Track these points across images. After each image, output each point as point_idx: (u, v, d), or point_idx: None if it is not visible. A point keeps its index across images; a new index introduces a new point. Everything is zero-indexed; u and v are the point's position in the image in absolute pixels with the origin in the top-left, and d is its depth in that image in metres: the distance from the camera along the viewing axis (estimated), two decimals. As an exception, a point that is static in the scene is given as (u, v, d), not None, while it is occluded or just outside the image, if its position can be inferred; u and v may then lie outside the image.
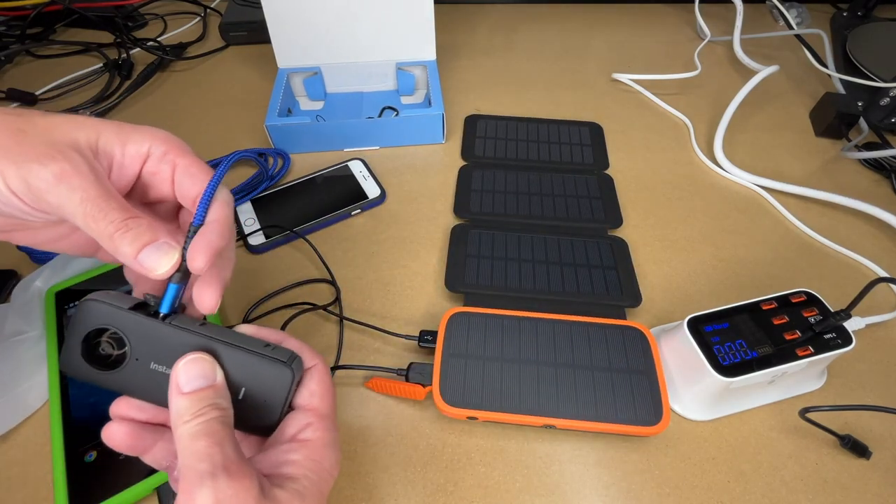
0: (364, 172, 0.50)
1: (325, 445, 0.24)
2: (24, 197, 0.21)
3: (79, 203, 0.21)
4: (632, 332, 0.36)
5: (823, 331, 0.33)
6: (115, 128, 0.24)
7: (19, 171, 0.21)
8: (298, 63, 0.56)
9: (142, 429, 0.24)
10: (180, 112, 0.59)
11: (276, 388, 0.24)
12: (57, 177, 0.21)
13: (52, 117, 0.23)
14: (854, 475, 0.33)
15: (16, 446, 0.34)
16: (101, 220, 0.22)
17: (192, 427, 0.21)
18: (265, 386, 0.24)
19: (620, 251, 0.43)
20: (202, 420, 0.21)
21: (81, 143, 0.23)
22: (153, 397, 0.24)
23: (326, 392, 0.25)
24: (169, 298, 0.24)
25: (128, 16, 0.72)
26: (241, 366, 0.23)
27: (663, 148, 0.55)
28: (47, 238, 0.26)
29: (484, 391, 0.33)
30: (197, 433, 0.21)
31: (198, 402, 0.21)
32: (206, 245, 0.23)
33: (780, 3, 0.68)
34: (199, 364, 0.22)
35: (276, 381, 0.24)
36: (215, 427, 0.21)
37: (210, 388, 0.22)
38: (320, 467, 0.23)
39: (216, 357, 0.23)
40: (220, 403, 0.22)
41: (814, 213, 0.49)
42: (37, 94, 0.60)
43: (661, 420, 0.32)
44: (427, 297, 0.42)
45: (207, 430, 0.21)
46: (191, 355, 0.23)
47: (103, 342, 0.24)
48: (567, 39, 0.72)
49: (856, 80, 0.58)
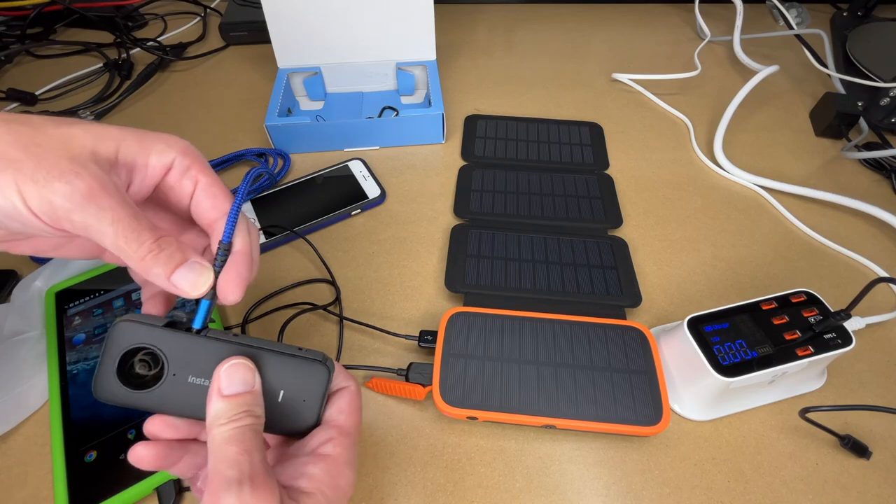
0: (364, 172, 0.50)
1: (344, 463, 0.24)
2: (45, 217, 0.20)
3: (109, 224, 0.21)
4: (632, 332, 0.36)
5: (823, 331, 0.33)
6: (137, 137, 0.23)
7: (41, 191, 0.20)
8: (298, 63, 0.56)
9: (170, 447, 0.24)
10: (180, 112, 0.59)
11: (313, 387, 0.24)
12: (85, 196, 0.20)
13: (67, 127, 0.22)
14: (854, 475, 0.33)
15: (16, 446, 0.34)
16: (132, 241, 0.21)
17: (227, 431, 0.21)
18: (303, 386, 0.24)
19: (620, 251, 0.43)
20: (237, 425, 0.21)
21: (101, 155, 0.22)
22: (190, 412, 0.24)
23: (354, 411, 0.25)
24: (202, 314, 0.24)
25: (128, 16, 0.72)
26: (279, 368, 0.24)
27: (663, 148, 0.55)
28: (48, 247, 0.25)
29: (484, 391, 0.33)
30: (230, 438, 0.21)
31: (236, 407, 0.22)
32: (237, 277, 0.24)
33: (780, 3, 0.68)
34: (240, 369, 0.23)
35: (314, 379, 0.24)
36: (247, 434, 0.21)
37: (248, 394, 0.23)
38: (336, 484, 0.23)
39: (255, 362, 0.24)
40: (255, 411, 0.22)
41: (814, 213, 0.49)
42: (37, 94, 0.60)
43: (661, 420, 0.32)
44: (427, 297, 0.42)
45: (240, 436, 0.21)
46: (233, 359, 0.23)
47: (137, 363, 0.24)
48: (567, 39, 0.72)
49: (856, 80, 0.58)
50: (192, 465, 0.25)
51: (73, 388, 0.35)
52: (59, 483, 0.31)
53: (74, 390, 0.35)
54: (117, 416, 0.33)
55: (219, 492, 0.20)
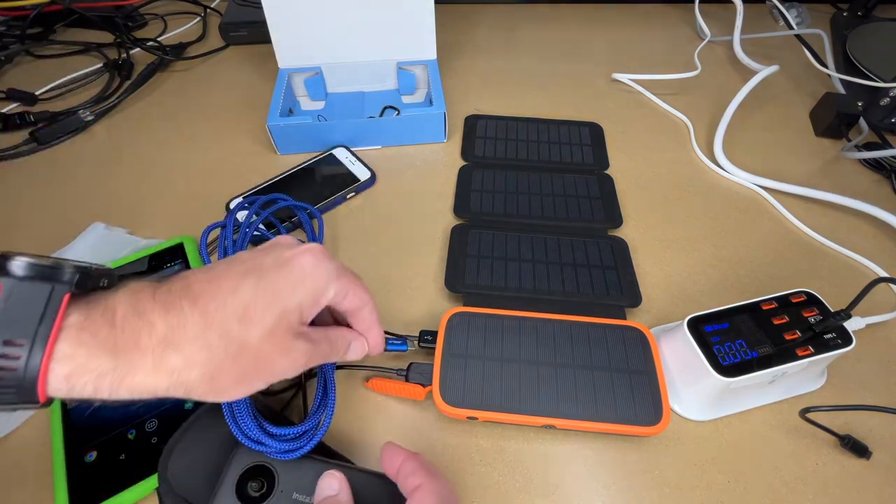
0: (350, 158, 0.51)
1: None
2: None
3: None
4: (632, 332, 0.36)
5: (823, 331, 0.33)
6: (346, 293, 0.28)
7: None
8: (299, 63, 0.56)
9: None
10: (180, 112, 0.59)
11: (400, 499, 0.27)
12: None
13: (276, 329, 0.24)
14: (854, 475, 0.33)
15: (16, 446, 0.34)
16: None
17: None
18: (390, 499, 0.27)
19: (620, 251, 0.43)
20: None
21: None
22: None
23: None
24: None
25: (128, 16, 0.72)
26: (367, 485, 0.28)
27: (663, 148, 0.55)
28: None
29: (484, 391, 0.33)
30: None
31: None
32: (380, 343, 0.31)
33: (780, 3, 0.68)
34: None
35: (394, 496, 0.27)
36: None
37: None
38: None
39: (347, 478, 0.28)
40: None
41: (814, 213, 0.49)
42: (37, 94, 0.60)
43: (661, 420, 0.32)
44: (427, 297, 0.42)
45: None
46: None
47: (249, 484, 0.28)
48: (567, 39, 0.72)
49: (856, 80, 0.58)
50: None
51: (73, 388, 0.35)
52: (59, 483, 0.31)
53: (74, 390, 0.35)
54: (117, 416, 0.34)
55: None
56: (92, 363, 0.19)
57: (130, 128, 0.57)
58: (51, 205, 0.49)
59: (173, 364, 0.21)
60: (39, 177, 0.51)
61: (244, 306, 0.22)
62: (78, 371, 0.19)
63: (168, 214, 0.48)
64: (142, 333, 0.20)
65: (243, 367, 0.23)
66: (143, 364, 0.20)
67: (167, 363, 0.21)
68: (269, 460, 0.28)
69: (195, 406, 0.34)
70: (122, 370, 0.20)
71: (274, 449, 0.29)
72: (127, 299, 0.21)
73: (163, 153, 0.54)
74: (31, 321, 0.18)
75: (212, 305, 0.22)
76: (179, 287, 0.23)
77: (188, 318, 0.21)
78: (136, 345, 0.20)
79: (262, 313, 0.23)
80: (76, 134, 0.56)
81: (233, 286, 0.23)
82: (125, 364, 0.20)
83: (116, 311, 0.20)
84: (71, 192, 0.50)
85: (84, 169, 0.52)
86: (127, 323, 0.20)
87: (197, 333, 0.21)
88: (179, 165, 0.53)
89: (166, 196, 0.50)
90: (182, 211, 0.48)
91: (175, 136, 0.56)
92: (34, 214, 0.48)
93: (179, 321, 0.21)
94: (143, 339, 0.20)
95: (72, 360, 0.19)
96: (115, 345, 0.20)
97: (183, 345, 0.21)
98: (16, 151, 0.53)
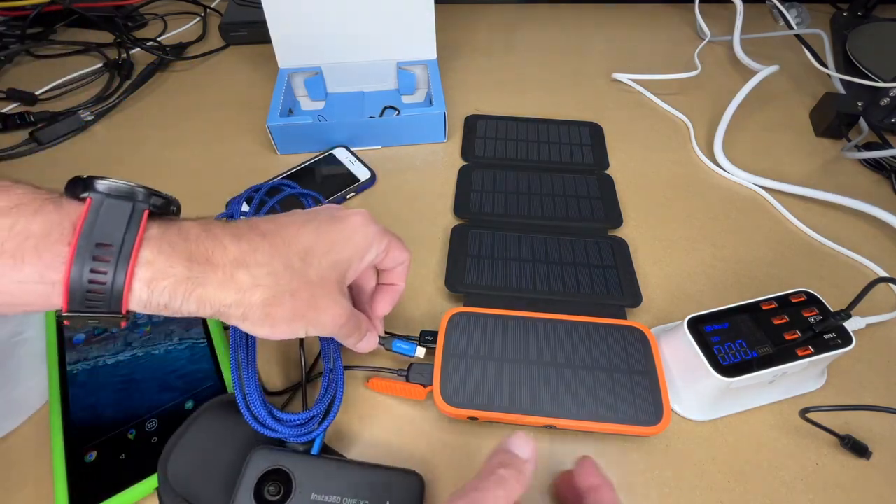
0: (350, 158, 0.51)
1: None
2: None
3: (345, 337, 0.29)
4: (632, 332, 0.36)
5: (823, 331, 0.33)
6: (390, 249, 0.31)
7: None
8: (299, 63, 0.56)
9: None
10: (180, 112, 0.59)
11: (412, 493, 0.29)
12: None
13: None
14: (854, 475, 0.33)
15: (16, 446, 0.34)
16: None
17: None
18: (403, 493, 0.29)
19: (620, 251, 0.43)
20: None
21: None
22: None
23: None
24: (318, 444, 0.31)
25: (128, 16, 0.72)
26: (380, 481, 0.29)
27: (663, 148, 0.55)
28: None
29: (485, 391, 0.33)
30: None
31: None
32: (390, 302, 0.34)
33: (780, 3, 0.68)
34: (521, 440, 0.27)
35: (412, 486, 0.29)
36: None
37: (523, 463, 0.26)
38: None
39: (364, 476, 0.29)
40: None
41: (814, 213, 0.49)
42: (37, 94, 0.60)
43: (661, 420, 0.32)
44: (427, 297, 0.42)
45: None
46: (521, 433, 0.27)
47: (266, 487, 0.28)
48: (567, 39, 0.72)
49: (856, 80, 0.58)
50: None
51: (73, 388, 0.35)
52: (59, 483, 0.31)
53: (74, 390, 0.35)
54: (117, 416, 0.33)
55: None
56: (170, 270, 0.21)
57: (130, 128, 0.57)
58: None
59: (241, 281, 0.23)
60: (39, 177, 0.51)
61: (306, 247, 0.25)
62: (158, 276, 0.21)
63: (168, 214, 0.48)
64: (215, 251, 0.23)
65: (299, 303, 0.25)
66: (215, 277, 0.22)
67: (236, 279, 0.23)
68: (286, 463, 0.28)
69: (195, 406, 0.34)
70: (195, 280, 0.22)
71: (286, 434, 0.29)
72: (199, 224, 0.24)
73: (163, 153, 0.54)
74: (119, 229, 0.21)
75: (278, 240, 0.25)
76: (247, 225, 0.25)
77: (258, 245, 0.24)
78: (208, 259, 0.22)
79: (320, 257, 0.25)
80: (76, 134, 0.56)
81: (296, 230, 0.26)
82: (199, 274, 0.22)
83: (190, 231, 0.23)
84: (71, 192, 0.50)
85: (84, 169, 0.51)
86: (201, 240, 0.23)
87: (266, 260, 0.24)
88: (179, 165, 0.53)
89: (166, 196, 0.49)
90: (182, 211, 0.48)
91: (175, 136, 0.56)
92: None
93: (251, 246, 0.23)
94: (216, 256, 0.23)
95: (152, 266, 0.21)
96: (191, 256, 0.22)
97: (252, 266, 0.23)
98: (16, 151, 0.53)
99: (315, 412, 0.31)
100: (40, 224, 0.20)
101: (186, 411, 0.34)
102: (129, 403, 0.34)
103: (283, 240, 0.25)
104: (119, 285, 0.21)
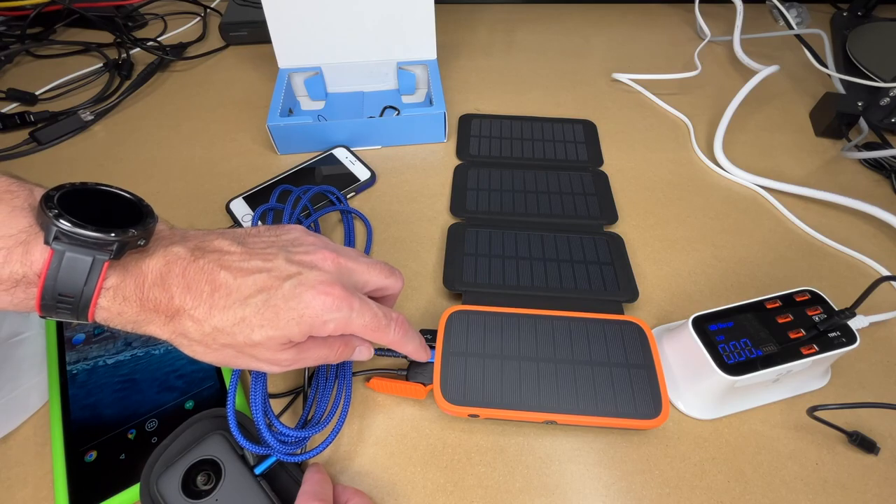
0: (350, 158, 0.51)
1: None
2: None
3: None
4: (630, 327, 0.36)
5: (828, 329, 0.33)
6: None
7: None
8: (299, 63, 0.56)
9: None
10: (180, 112, 0.59)
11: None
12: None
13: None
14: (854, 475, 0.33)
15: (16, 446, 0.34)
16: None
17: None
18: None
19: (616, 247, 0.43)
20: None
21: None
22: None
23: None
24: (266, 465, 0.29)
25: (128, 16, 0.72)
26: None
27: (663, 148, 0.55)
28: None
29: (485, 389, 0.33)
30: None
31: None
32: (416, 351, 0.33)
33: (780, 3, 0.68)
34: None
35: None
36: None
37: None
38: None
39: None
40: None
41: (814, 212, 0.49)
42: (37, 94, 0.60)
43: (660, 413, 0.32)
44: (426, 296, 0.42)
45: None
46: None
47: (200, 475, 0.28)
48: (567, 39, 0.72)
49: (856, 80, 0.58)
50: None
51: (72, 388, 0.35)
52: (59, 483, 0.31)
53: (74, 390, 0.35)
54: (117, 416, 0.33)
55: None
56: (122, 314, 0.25)
57: (130, 128, 0.57)
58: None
59: (175, 328, 0.26)
60: (39, 177, 0.51)
61: (243, 317, 0.26)
62: (111, 317, 0.25)
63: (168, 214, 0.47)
64: (162, 300, 0.25)
65: (225, 354, 0.27)
66: (157, 320, 0.26)
67: (172, 325, 0.26)
68: (227, 464, 0.29)
69: (195, 406, 0.34)
70: (141, 322, 0.26)
71: (277, 450, 0.29)
72: (159, 269, 0.25)
73: (163, 153, 0.54)
74: (79, 282, 0.23)
75: (221, 303, 0.26)
76: (211, 264, 0.26)
77: (201, 302, 0.25)
78: (155, 308, 0.25)
79: (253, 328, 0.26)
80: (76, 134, 0.56)
81: (247, 294, 0.26)
82: (145, 318, 0.25)
83: (147, 276, 0.25)
84: (71, 191, 0.50)
85: (84, 169, 0.52)
86: (153, 291, 0.25)
87: (200, 317, 0.25)
88: (179, 165, 0.53)
89: (166, 196, 0.49)
90: (182, 211, 0.48)
91: (175, 136, 0.56)
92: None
93: (194, 302, 0.25)
94: (162, 305, 0.25)
95: (107, 311, 0.25)
96: (142, 303, 0.25)
97: (185, 321, 0.25)
98: (16, 151, 0.53)
99: (308, 433, 0.31)
100: (8, 274, 0.23)
101: (186, 411, 0.34)
102: (129, 403, 0.34)
103: (226, 302, 0.26)
104: (83, 316, 0.24)
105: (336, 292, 0.27)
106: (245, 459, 0.29)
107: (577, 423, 0.33)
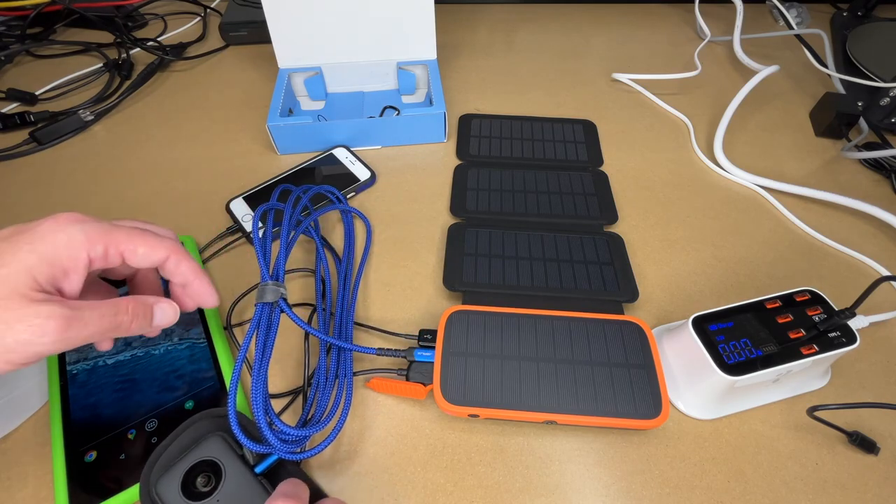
0: (350, 158, 0.51)
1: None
2: None
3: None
4: (629, 327, 0.36)
5: (828, 329, 0.33)
6: None
7: None
8: (299, 63, 0.56)
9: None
10: (180, 112, 0.59)
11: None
12: None
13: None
14: (854, 475, 0.33)
15: (16, 446, 0.34)
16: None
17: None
18: None
19: (616, 247, 0.43)
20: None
21: None
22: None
23: None
24: (267, 463, 0.29)
25: (128, 16, 0.72)
26: None
27: (663, 148, 0.55)
28: None
29: (485, 389, 0.33)
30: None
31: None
32: (209, 292, 0.31)
33: (780, 3, 0.68)
34: None
35: None
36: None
37: None
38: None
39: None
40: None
41: (814, 213, 0.49)
42: (37, 94, 0.60)
43: (660, 413, 0.32)
44: (426, 296, 0.42)
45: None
46: None
47: (199, 477, 0.28)
48: (567, 39, 0.72)
49: (856, 80, 0.58)
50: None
51: (73, 388, 0.35)
52: (59, 483, 0.31)
53: (74, 390, 0.35)
54: (117, 416, 0.33)
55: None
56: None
57: (130, 128, 0.57)
58: (51, 205, 0.49)
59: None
60: (39, 177, 0.51)
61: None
62: None
63: (168, 214, 0.48)
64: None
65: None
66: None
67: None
68: (227, 466, 0.28)
69: (195, 406, 0.34)
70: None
71: (278, 449, 0.29)
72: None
73: (163, 153, 0.54)
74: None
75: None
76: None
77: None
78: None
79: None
80: (76, 134, 0.56)
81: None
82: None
83: None
84: (71, 192, 0.50)
85: (84, 169, 0.52)
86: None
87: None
88: (179, 165, 0.53)
89: (166, 196, 0.49)
90: (182, 211, 0.48)
91: (175, 136, 0.56)
92: (34, 214, 0.47)
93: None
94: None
95: None
96: None
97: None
98: (16, 151, 0.53)
99: (308, 432, 0.30)
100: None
101: (186, 411, 0.34)
102: (129, 403, 0.34)
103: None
104: None
105: (83, 224, 0.25)
106: (245, 459, 0.29)
107: (577, 423, 0.33)
